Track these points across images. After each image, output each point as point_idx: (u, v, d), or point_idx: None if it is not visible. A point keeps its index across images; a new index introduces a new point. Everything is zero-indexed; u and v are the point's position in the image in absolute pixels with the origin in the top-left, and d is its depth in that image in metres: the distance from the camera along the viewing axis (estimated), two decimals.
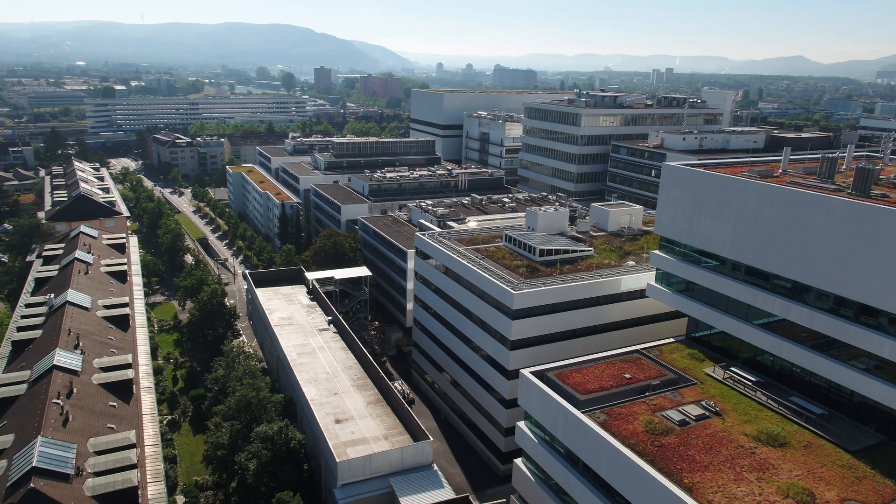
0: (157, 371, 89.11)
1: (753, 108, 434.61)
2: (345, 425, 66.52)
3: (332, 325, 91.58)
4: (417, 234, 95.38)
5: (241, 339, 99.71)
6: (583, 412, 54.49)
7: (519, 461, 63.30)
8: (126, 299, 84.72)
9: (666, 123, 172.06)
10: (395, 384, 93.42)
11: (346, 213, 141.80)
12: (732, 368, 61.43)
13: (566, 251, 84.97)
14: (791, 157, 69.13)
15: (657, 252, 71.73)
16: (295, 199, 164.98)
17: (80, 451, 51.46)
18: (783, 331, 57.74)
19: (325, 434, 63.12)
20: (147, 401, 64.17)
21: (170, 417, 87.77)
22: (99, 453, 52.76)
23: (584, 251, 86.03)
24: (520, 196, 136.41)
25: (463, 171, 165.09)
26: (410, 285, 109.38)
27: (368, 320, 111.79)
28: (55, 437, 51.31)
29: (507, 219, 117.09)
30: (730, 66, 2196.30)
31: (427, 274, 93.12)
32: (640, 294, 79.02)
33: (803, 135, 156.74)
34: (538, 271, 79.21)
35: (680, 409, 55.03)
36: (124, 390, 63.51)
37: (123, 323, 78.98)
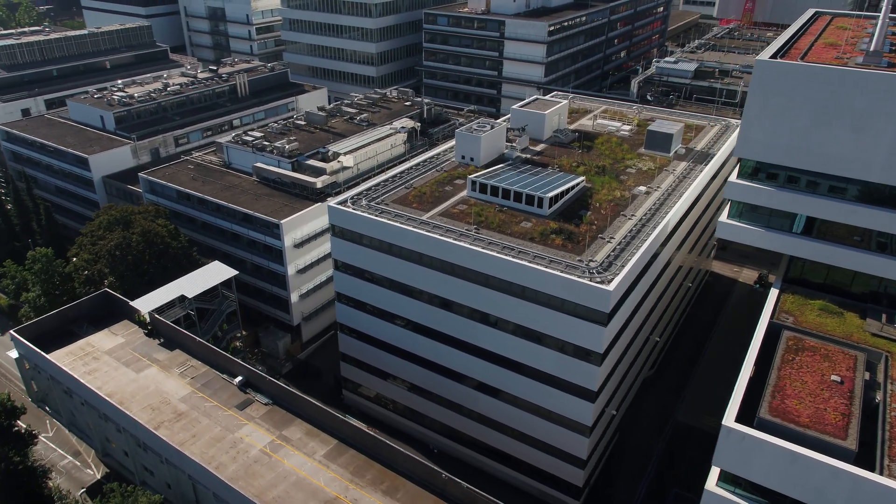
0: None
1: None
2: None
3: (250, 391, 55.50)
4: (331, 205, 60.86)
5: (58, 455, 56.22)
6: (880, 474, 36.87)
7: None
8: None
9: None
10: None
11: (99, 166, 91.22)
12: None
13: (567, 191, 61.63)
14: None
15: (736, 181, 53.43)
16: None
17: None
18: None
19: None
20: None
21: None
22: None
23: (577, 183, 63.62)
24: (358, 99, 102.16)
25: (233, 69, 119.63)
26: (291, 270, 74.31)
27: (242, 337, 74.71)
28: None
29: (380, 138, 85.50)
30: None
31: (363, 262, 61.15)
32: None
33: None
34: (574, 235, 55.13)
35: None
36: None
37: None
